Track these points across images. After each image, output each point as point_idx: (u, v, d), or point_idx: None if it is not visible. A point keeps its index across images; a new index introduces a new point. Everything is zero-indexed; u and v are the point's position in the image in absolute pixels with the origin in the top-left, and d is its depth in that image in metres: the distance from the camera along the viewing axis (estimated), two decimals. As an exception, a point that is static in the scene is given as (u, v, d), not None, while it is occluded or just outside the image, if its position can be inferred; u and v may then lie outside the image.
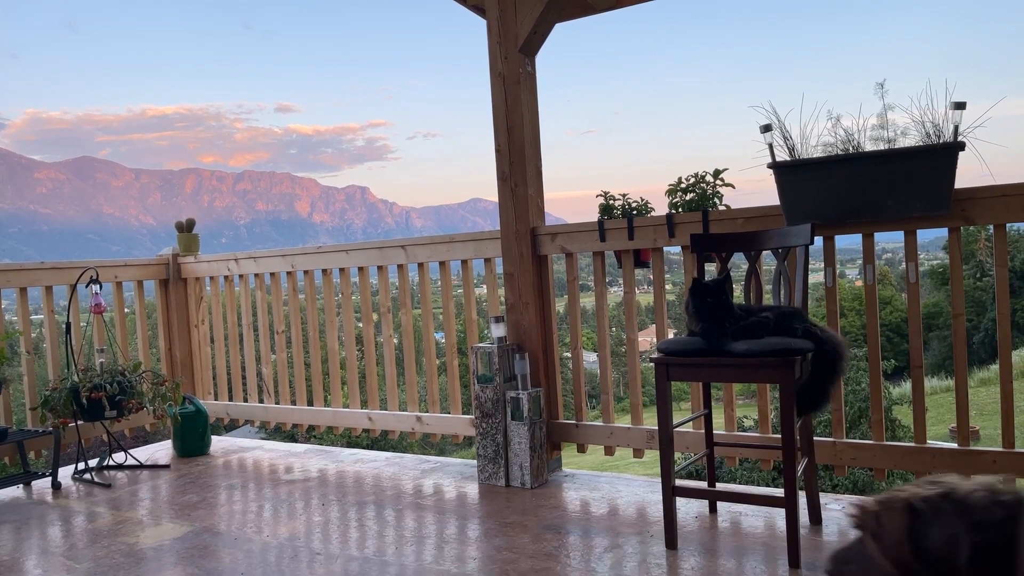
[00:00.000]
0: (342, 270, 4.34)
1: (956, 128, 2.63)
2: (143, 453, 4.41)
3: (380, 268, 4.18)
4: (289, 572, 2.54)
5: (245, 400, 4.86)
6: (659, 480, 2.61)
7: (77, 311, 4.26)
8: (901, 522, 1.13)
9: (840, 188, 2.80)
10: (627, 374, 3.53)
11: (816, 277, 3.06)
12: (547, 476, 3.45)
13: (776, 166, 2.90)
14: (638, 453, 3.46)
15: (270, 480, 3.74)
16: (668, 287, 3.59)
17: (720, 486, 3.03)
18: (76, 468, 3.96)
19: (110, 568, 2.65)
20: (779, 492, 2.45)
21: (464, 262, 3.89)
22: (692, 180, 3.28)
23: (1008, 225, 2.73)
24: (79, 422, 3.94)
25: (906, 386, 16.66)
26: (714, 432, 2.94)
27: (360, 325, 4.41)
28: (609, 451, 3.57)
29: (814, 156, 2.85)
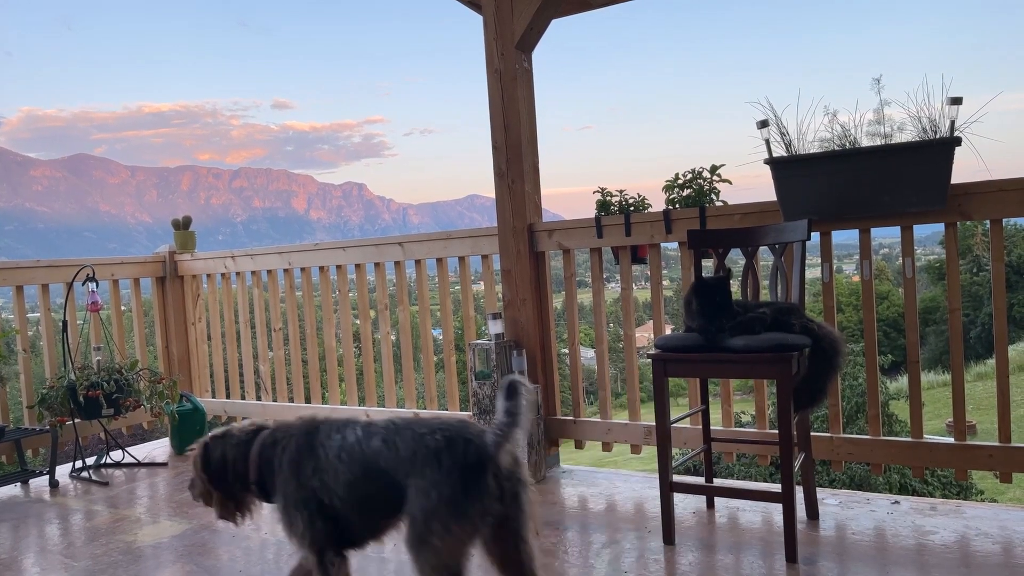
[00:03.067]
0: (339, 267, 4.34)
1: (952, 123, 2.63)
2: (141, 451, 4.40)
3: (377, 265, 4.18)
4: (288, 569, 2.54)
5: (243, 398, 4.85)
6: (657, 476, 2.62)
7: (74, 309, 4.25)
8: (200, 451, 1.99)
9: (837, 183, 2.80)
10: (624, 370, 3.53)
11: (813, 272, 3.07)
12: (545, 472, 3.45)
13: (773, 162, 2.90)
14: (636, 449, 3.47)
15: (268, 477, 3.74)
16: (665, 283, 3.60)
17: (717, 482, 3.04)
18: (74, 466, 3.96)
19: (108, 566, 2.65)
20: (776, 487, 2.45)
21: (461, 259, 3.89)
22: (689, 176, 3.28)
23: (1004, 220, 2.74)
24: (76, 420, 3.93)
25: (903, 381, 16.69)
26: (711, 428, 2.94)
27: (357, 322, 4.41)
28: (607, 447, 3.57)
29: (811, 152, 2.85)
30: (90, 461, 4.02)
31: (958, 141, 2.63)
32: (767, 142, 2.91)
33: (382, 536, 1.88)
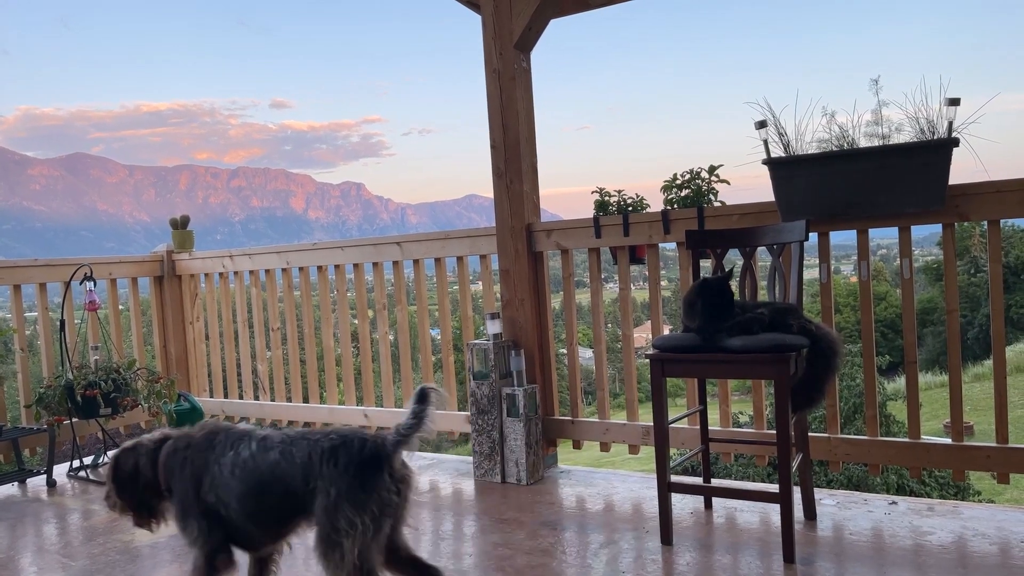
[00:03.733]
0: (337, 267, 4.34)
1: (950, 124, 2.63)
2: (138, 450, 4.39)
3: (375, 265, 4.17)
4: (285, 569, 2.53)
5: (241, 397, 4.85)
6: (654, 476, 2.62)
7: (71, 308, 4.24)
8: (112, 464, 2.07)
9: (835, 184, 2.80)
10: (623, 370, 3.54)
11: (811, 273, 3.07)
12: (543, 472, 3.46)
13: (771, 162, 2.90)
14: (634, 449, 3.47)
15: (266, 477, 3.73)
16: (664, 283, 3.60)
17: (715, 482, 3.04)
18: (71, 466, 3.95)
19: (105, 565, 2.65)
20: (774, 488, 2.46)
21: (460, 259, 3.89)
22: (687, 176, 3.28)
23: (1002, 221, 2.74)
24: (74, 420, 3.93)
25: (900, 381, 16.68)
26: (709, 428, 2.94)
27: (356, 322, 4.41)
28: (605, 447, 3.57)
29: (809, 152, 2.86)
30: (87, 460, 4.01)
31: (956, 142, 2.63)
32: (765, 143, 2.91)
33: (282, 540, 2.01)
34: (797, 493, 2.67)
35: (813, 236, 2.94)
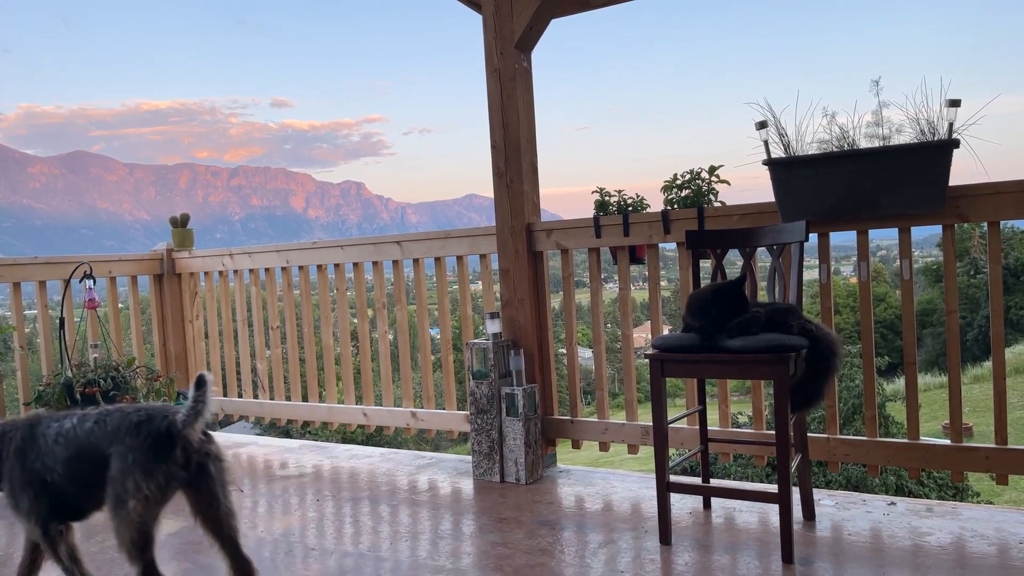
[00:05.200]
0: (337, 266, 4.34)
1: (951, 125, 2.64)
2: (137, 449, 4.39)
3: (375, 264, 4.17)
4: (284, 568, 2.54)
5: (240, 396, 4.85)
6: (653, 476, 2.62)
7: (71, 306, 4.24)
8: None
9: (835, 185, 2.81)
10: (622, 370, 3.54)
11: (811, 274, 3.07)
12: (542, 472, 3.46)
13: (771, 163, 2.90)
14: (633, 449, 3.47)
15: (264, 476, 3.74)
16: (663, 284, 3.60)
17: (714, 482, 3.04)
18: (70, 463, 3.95)
19: (104, 564, 2.64)
20: (773, 488, 2.46)
21: (459, 258, 3.89)
22: (688, 177, 3.28)
23: (1002, 222, 2.75)
24: (73, 417, 3.93)
25: (900, 382, 16.70)
26: (708, 428, 2.95)
27: (355, 321, 4.41)
28: (604, 447, 3.57)
29: (809, 153, 2.86)
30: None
31: (956, 143, 2.63)
32: (766, 143, 2.91)
33: (103, 506, 2.10)
34: (796, 493, 2.67)
35: (813, 237, 2.94)
